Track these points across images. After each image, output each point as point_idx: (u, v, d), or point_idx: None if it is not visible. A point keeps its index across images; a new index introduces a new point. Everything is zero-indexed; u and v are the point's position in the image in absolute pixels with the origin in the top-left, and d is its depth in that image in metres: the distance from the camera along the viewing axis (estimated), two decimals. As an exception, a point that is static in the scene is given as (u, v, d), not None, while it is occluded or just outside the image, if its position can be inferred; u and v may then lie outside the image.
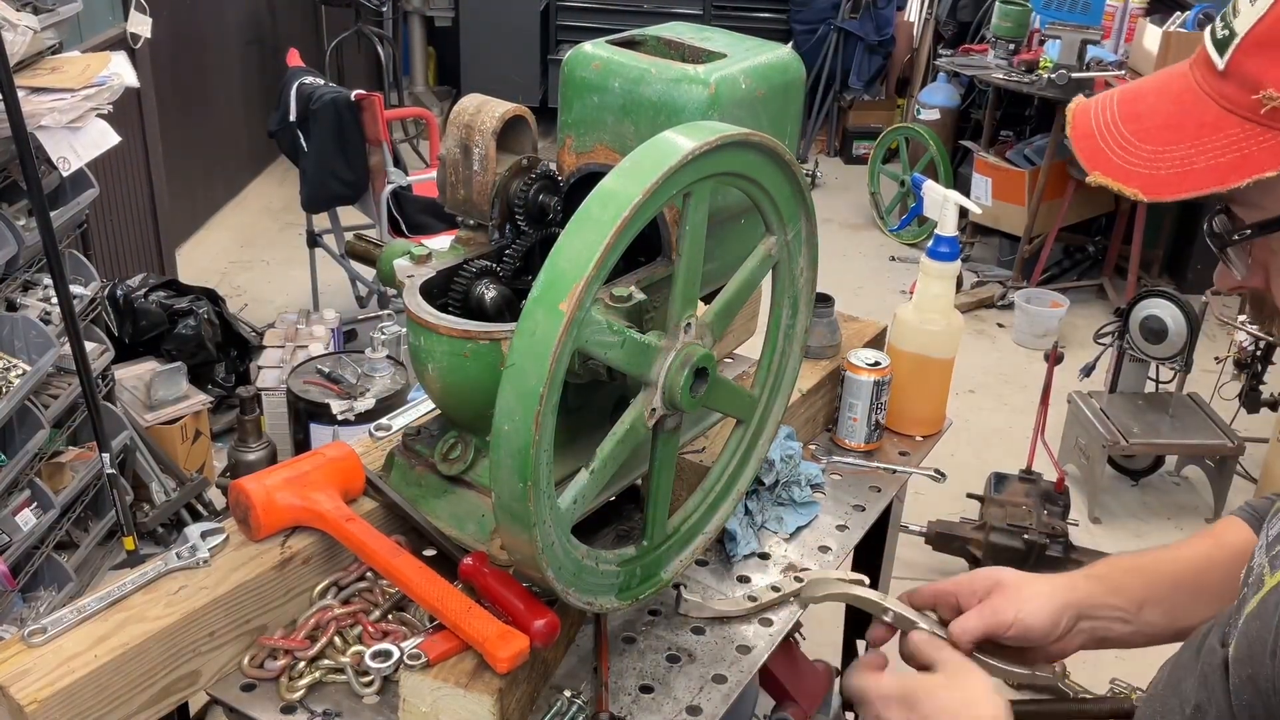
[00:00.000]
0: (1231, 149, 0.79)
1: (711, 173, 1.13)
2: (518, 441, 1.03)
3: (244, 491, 1.33)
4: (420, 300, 1.29)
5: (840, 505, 1.71)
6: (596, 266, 1.01)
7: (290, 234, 5.42)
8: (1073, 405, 3.79)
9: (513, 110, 1.38)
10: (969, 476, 3.52)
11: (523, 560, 1.13)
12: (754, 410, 1.39)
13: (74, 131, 2.59)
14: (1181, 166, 0.81)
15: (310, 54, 5.76)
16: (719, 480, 1.40)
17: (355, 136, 4.09)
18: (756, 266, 1.28)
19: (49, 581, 2.79)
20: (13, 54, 2.42)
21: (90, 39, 3.91)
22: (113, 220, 4.21)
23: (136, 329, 3.71)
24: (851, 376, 1.80)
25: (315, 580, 1.37)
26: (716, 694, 1.32)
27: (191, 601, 1.25)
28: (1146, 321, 3.67)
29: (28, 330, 2.62)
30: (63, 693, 1.13)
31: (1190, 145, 0.81)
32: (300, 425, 3.24)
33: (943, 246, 1.86)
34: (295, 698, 1.25)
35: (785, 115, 1.46)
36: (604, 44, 1.40)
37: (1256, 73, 0.78)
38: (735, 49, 1.41)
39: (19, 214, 2.63)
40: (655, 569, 1.32)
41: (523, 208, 1.39)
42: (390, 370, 3.30)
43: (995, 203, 5.33)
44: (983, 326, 5.08)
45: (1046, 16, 5.10)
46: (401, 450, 1.43)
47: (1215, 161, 0.79)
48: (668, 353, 1.16)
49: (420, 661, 1.19)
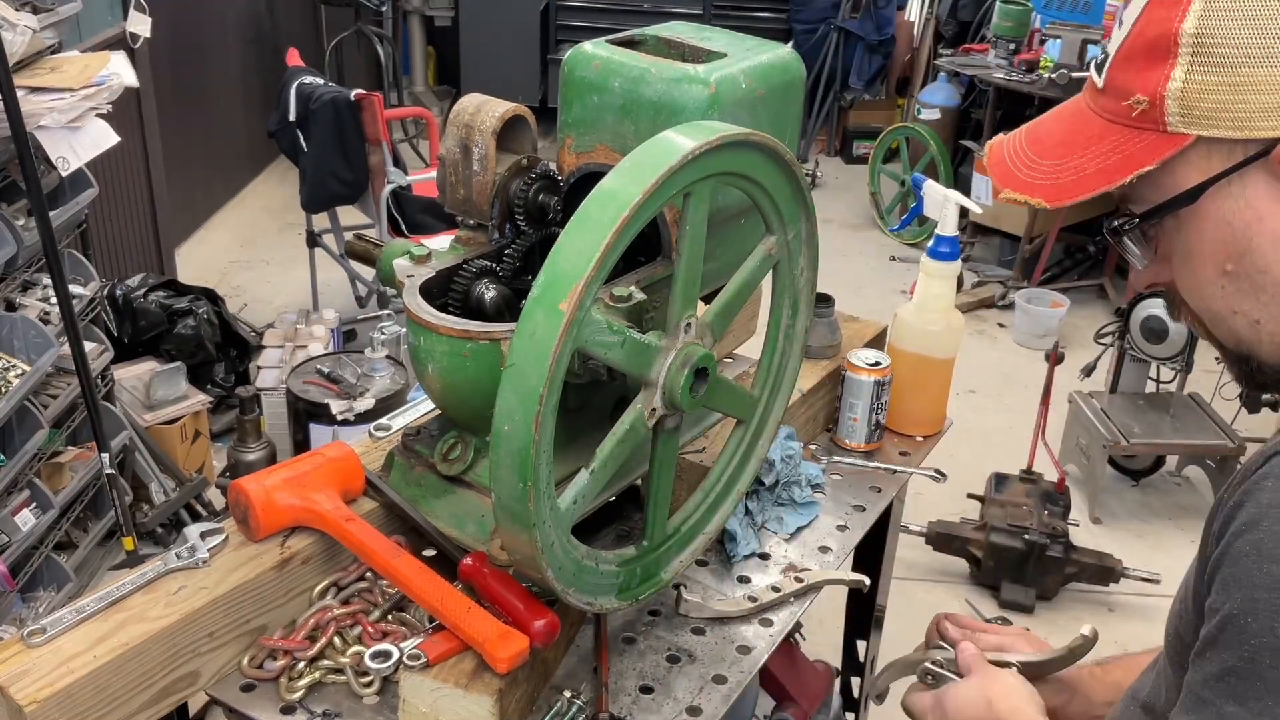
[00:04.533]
0: (1116, 152, 0.90)
1: (711, 173, 1.13)
2: (518, 441, 1.03)
3: (243, 492, 1.33)
4: (420, 300, 1.29)
5: (840, 505, 1.71)
6: (596, 266, 1.01)
7: (290, 234, 5.42)
8: (1073, 405, 3.78)
9: (513, 110, 1.38)
10: (969, 476, 3.52)
11: (523, 560, 1.13)
12: (754, 410, 1.39)
13: (73, 131, 2.59)
14: (1077, 174, 0.92)
15: (310, 54, 5.76)
16: (719, 480, 1.40)
17: (355, 136, 4.09)
18: (756, 266, 1.28)
19: (48, 582, 2.79)
20: (12, 54, 2.42)
21: (90, 39, 3.91)
22: (112, 220, 4.21)
23: (136, 329, 3.71)
24: (852, 376, 1.80)
25: (315, 580, 1.37)
26: (716, 694, 1.32)
27: (191, 602, 1.24)
28: (1147, 321, 3.67)
29: (27, 330, 2.62)
30: (62, 693, 1.13)
31: (1082, 155, 0.93)
32: (300, 425, 3.24)
33: (943, 246, 1.86)
34: (295, 698, 1.25)
35: (785, 115, 1.45)
36: (604, 44, 1.40)
37: (1126, 83, 0.90)
38: (735, 49, 1.41)
39: (18, 214, 2.63)
40: (655, 569, 1.32)
41: (523, 208, 1.39)
42: (390, 370, 3.30)
43: (996, 202, 5.31)
44: (983, 326, 5.08)
45: (1047, 16, 5.11)
46: (401, 450, 1.43)
47: (1104, 165, 0.91)
48: (668, 353, 1.16)
49: (420, 662, 1.19)
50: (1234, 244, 0.89)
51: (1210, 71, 0.85)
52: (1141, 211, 0.93)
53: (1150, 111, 0.88)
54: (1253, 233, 0.88)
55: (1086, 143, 0.93)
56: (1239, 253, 0.89)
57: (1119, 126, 0.91)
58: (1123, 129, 0.90)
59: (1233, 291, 0.90)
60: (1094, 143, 0.92)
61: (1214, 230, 0.89)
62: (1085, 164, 0.92)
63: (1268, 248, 0.87)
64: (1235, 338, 0.93)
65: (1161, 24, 0.87)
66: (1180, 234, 0.92)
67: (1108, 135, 0.91)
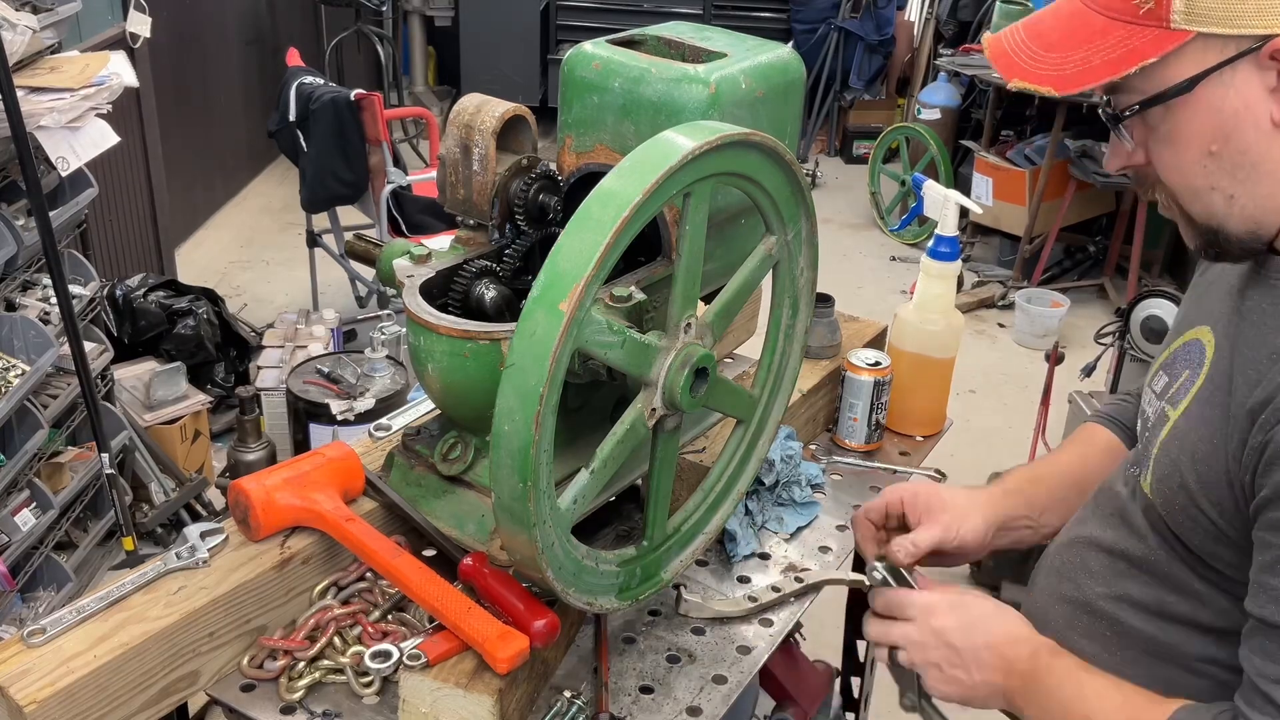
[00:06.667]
0: (1120, 46, 0.98)
1: (711, 173, 1.13)
2: (518, 441, 1.03)
3: (243, 492, 1.33)
4: (420, 300, 1.29)
5: (840, 505, 1.71)
6: (596, 266, 1.01)
7: (290, 234, 5.42)
8: (1073, 405, 3.78)
9: (513, 110, 1.38)
10: (969, 476, 3.52)
11: (523, 560, 1.13)
12: (754, 410, 1.39)
13: (73, 131, 2.59)
14: (1082, 65, 1.00)
15: (310, 54, 5.76)
16: (719, 480, 1.40)
17: (355, 136, 4.09)
18: (756, 266, 1.28)
19: (48, 582, 2.79)
20: (12, 54, 2.42)
21: (90, 39, 3.91)
22: (112, 220, 4.21)
23: (136, 329, 3.71)
24: (852, 376, 1.80)
25: (315, 580, 1.37)
26: (716, 694, 1.32)
27: (191, 602, 1.24)
28: (1147, 321, 3.66)
29: (27, 330, 2.62)
30: (62, 693, 1.13)
31: (1086, 49, 1.00)
32: (300, 425, 3.24)
33: (943, 246, 1.86)
34: (295, 698, 1.25)
35: (785, 115, 1.45)
36: (604, 44, 1.40)
37: None
38: (735, 49, 1.41)
39: (18, 214, 2.63)
40: (655, 569, 1.32)
41: (523, 208, 1.39)
42: (390, 370, 3.30)
43: (996, 202, 5.33)
44: (983, 326, 5.08)
45: (1047, 16, 5.09)
46: (401, 450, 1.43)
47: (1108, 58, 0.99)
48: (668, 353, 1.16)
49: (420, 662, 1.19)
50: (1221, 128, 0.99)
51: None
52: (1139, 100, 1.01)
53: (1156, 9, 0.96)
54: (1239, 119, 0.98)
55: (1089, 37, 1.00)
56: (1224, 135, 0.99)
57: (1123, 24, 0.98)
58: (1127, 25, 0.98)
59: (1214, 169, 1.01)
60: (1097, 37, 0.99)
61: (1204, 116, 0.99)
62: (1089, 56, 0.99)
63: (1250, 132, 0.98)
64: (1209, 211, 1.03)
65: None
66: (1167, 119, 1.01)
67: (1111, 31, 0.99)
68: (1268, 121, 0.98)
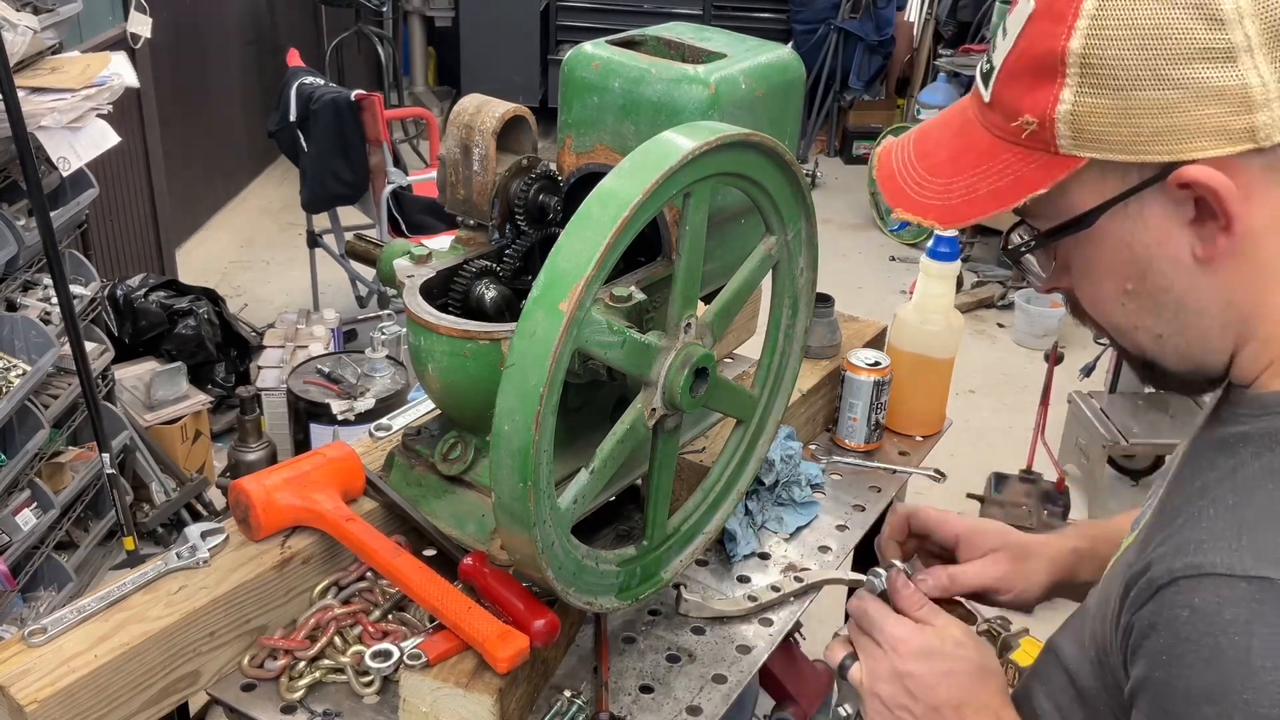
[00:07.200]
0: (1007, 173, 0.86)
1: (711, 173, 1.13)
2: (518, 441, 1.03)
3: (244, 491, 1.33)
4: (420, 300, 1.29)
5: (840, 505, 1.71)
6: (596, 266, 1.01)
7: (290, 234, 5.42)
8: (1073, 405, 3.78)
9: (513, 110, 1.38)
10: (969, 476, 3.52)
11: (523, 560, 1.13)
12: (754, 410, 1.39)
13: (74, 131, 2.59)
14: (968, 194, 0.88)
15: (310, 54, 5.76)
16: (719, 480, 1.40)
17: (355, 136, 4.09)
18: (756, 267, 1.28)
19: (49, 581, 2.79)
20: (13, 54, 2.42)
21: (90, 39, 3.91)
22: (113, 220, 4.21)
23: (136, 329, 3.71)
24: (851, 376, 1.80)
25: (315, 580, 1.37)
26: (716, 694, 1.32)
27: (191, 601, 1.25)
28: (1147, 322, 3.67)
29: (28, 330, 2.62)
30: (62, 693, 1.13)
31: (972, 174, 0.88)
32: (300, 425, 3.24)
33: (943, 246, 1.86)
34: (295, 698, 1.25)
35: (785, 115, 1.46)
36: (604, 44, 1.40)
37: (1013, 101, 0.85)
38: (735, 49, 1.41)
39: (19, 214, 2.63)
40: (655, 569, 1.32)
41: (523, 208, 1.39)
42: (390, 370, 3.30)
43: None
44: (983, 326, 5.08)
45: (1046, 16, 5.09)
46: (401, 450, 1.43)
47: (995, 186, 0.87)
48: (668, 353, 1.16)
49: (420, 661, 1.19)
50: (1134, 265, 0.86)
51: (1100, 94, 0.80)
52: (1036, 235, 0.90)
53: (1040, 133, 0.84)
54: (1152, 255, 0.85)
55: (976, 160, 0.88)
56: (1139, 273, 0.86)
57: (1008, 145, 0.86)
58: (1012, 148, 0.86)
59: (1134, 309, 0.88)
60: (984, 160, 0.88)
61: (1113, 251, 0.86)
62: (975, 184, 0.88)
63: (1168, 269, 0.85)
64: (1139, 349, 0.91)
65: (1047, 40, 0.82)
66: (1079, 251, 0.89)
67: (997, 154, 0.87)
68: (1188, 256, 0.83)
